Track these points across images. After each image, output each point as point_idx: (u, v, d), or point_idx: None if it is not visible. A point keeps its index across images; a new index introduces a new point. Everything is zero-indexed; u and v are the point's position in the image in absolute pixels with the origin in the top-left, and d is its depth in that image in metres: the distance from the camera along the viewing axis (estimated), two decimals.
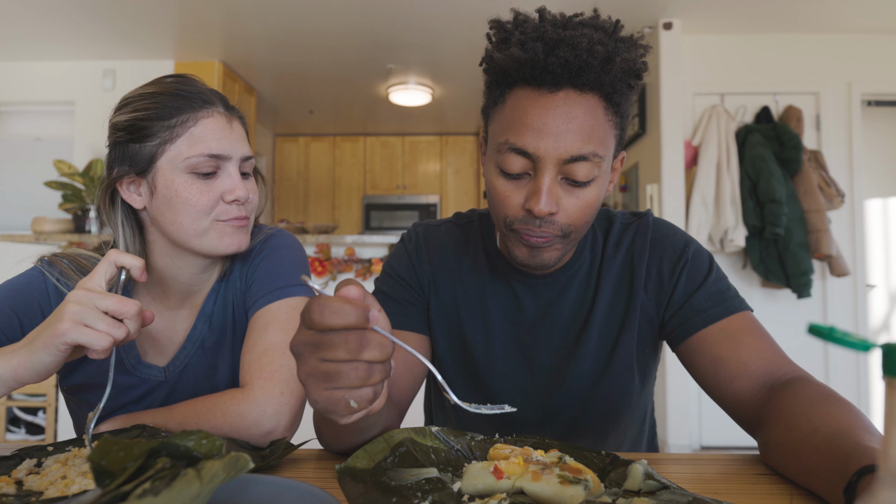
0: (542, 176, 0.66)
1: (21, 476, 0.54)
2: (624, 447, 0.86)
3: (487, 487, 0.49)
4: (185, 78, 0.79)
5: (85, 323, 0.59)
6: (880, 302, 3.62)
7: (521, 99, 0.67)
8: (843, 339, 0.27)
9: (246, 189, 0.78)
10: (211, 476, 0.34)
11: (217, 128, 0.76)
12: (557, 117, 0.64)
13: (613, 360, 0.80)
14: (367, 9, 3.26)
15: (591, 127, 0.65)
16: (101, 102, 4.01)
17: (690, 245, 0.81)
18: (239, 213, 0.78)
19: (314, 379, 0.43)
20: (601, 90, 0.65)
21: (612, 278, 0.81)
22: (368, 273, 2.76)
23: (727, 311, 0.74)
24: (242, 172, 0.80)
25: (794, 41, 3.42)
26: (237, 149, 0.78)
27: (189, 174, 0.74)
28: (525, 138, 0.65)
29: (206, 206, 0.75)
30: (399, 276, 0.85)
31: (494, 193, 0.71)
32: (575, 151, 0.65)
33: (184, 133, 0.74)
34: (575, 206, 0.68)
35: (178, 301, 0.84)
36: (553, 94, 0.65)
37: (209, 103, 0.77)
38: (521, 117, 0.66)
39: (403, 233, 0.91)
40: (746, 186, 3.12)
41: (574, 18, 0.67)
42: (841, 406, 0.58)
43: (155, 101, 0.75)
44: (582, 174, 0.66)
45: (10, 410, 3.07)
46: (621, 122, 0.70)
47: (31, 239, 2.85)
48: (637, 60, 0.67)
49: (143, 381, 0.81)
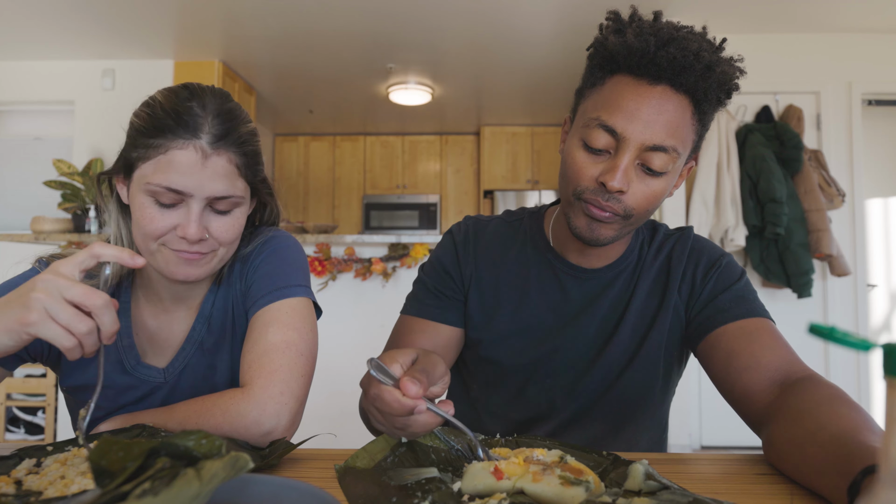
0: (623, 155, 0.72)
1: (20, 476, 0.54)
2: (637, 448, 0.88)
3: (488, 488, 0.49)
4: (195, 97, 0.74)
5: (51, 314, 0.56)
6: (881, 302, 3.62)
7: (621, 84, 0.73)
8: (844, 338, 0.27)
9: (201, 229, 0.73)
10: (211, 476, 0.33)
11: (186, 163, 0.70)
12: (651, 107, 0.70)
13: (640, 354, 0.84)
14: (367, 9, 3.26)
15: (677, 124, 0.71)
16: (101, 102, 4.01)
17: (725, 256, 0.87)
18: (187, 248, 0.74)
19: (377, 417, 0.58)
20: (694, 95, 0.71)
21: (650, 278, 0.86)
22: (368, 273, 2.76)
23: (748, 314, 0.78)
24: (218, 210, 0.75)
25: (795, 41, 3.42)
26: (204, 187, 0.72)
27: (148, 197, 0.72)
28: (616, 118, 0.71)
29: (153, 233, 0.72)
30: (442, 267, 0.91)
31: (572, 163, 0.76)
32: (658, 141, 0.71)
33: (154, 157, 0.71)
34: (642, 192, 0.74)
35: (173, 302, 0.84)
36: (651, 87, 0.71)
37: (192, 133, 0.71)
38: (616, 99, 0.72)
39: (453, 224, 0.96)
40: (747, 186, 3.12)
41: (685, 27, 0.73)
42: (849, 407, 0.59)
43: (150, 113, 0.73)
44: (658, 164, 0.72)
45: (10, 410, 3.07)
46: (701, 131, 0.76)
47: (31, 238, 2.84)
48: (734, 77, 0.72)
49: (143, 382, 0.81)
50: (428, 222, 5.91)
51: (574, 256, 0.87)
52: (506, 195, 5.56)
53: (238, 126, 0.76)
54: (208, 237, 0.74)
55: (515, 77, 4.37)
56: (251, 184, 0.79)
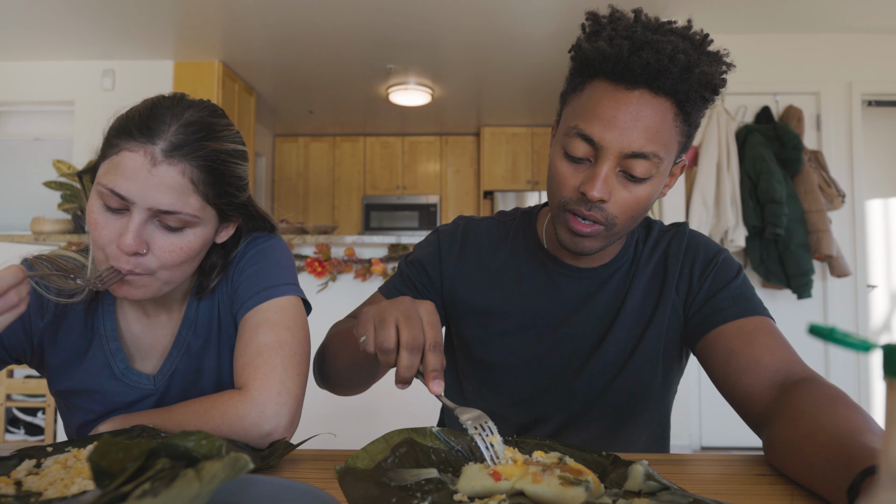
0: (602, 164, 0.70)
1: (20, 477, 0.54)
2: (637, 447, 0.87)
3: (486, 489, 0.49)
4: (177, 105, 0.71)
5: None
6: (881, 302, 3.62)
7: (599, 90, 0.71)
8: (844, 339, 0.27)
9: (138, 241, 0.67)
10: (210, 476, 0.33)
11: (132, 167, 0.66)
12: (628, 113, 0.69)
13: (637, 352, 0.83)
14: (367, 9, 3.26)
15: (657, 129, 0.69)
16: (101, 102, 4.01)
17: (722, 253, 0.86)
18: (124, 264, 0.68)
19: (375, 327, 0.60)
20: (675, 96, 0.69)
21: (646, 276, 0.86)
22: (368, 273, 2.76)
23: (746, 312, 0.77)
24: (167, 226, 0.69)
25: (795, 41, 3.42)
26: (147, 196, 0.66)
27: (97, 200, 0.69)
28: (593, 126, 0.70)
29: (99, 241, 0.69)
30: (422, 265, 0.91)
31: (555, 173, 0.76)
32: (637, 148, 0.69)
33: (108, 157, 0.68)
34: (625, 200, 0.73)
35: (154, 307, 0.83)
36: (629, 92, 0.69)
37: (147, 138, 0.67)
38: (594, 107, 0.71)
39: (443, 224, 0.96)
40: (747, 186, 3.12)
41: (666, 25, 0.71)
42: (850, 408, 0.58)
43: (124, 115, 0.71)
44: (639, 171, 0.70)
45: (10, 411, 3.07)
46: (688, 131, 0.74)
47: (31, 239, 2.84)
48: (716, 75, 0.70)
49: (133, 388, 0.81)
50: (428, 223, 5.91)
51: (567, 257, 0.86)
52: (506, 196, 5.56)
53: (207, 140, 0.70)
54: (146, 253, 0.69)
55: (515, 77, 4.37)
56: (215, 206, 0.73)
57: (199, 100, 0.74)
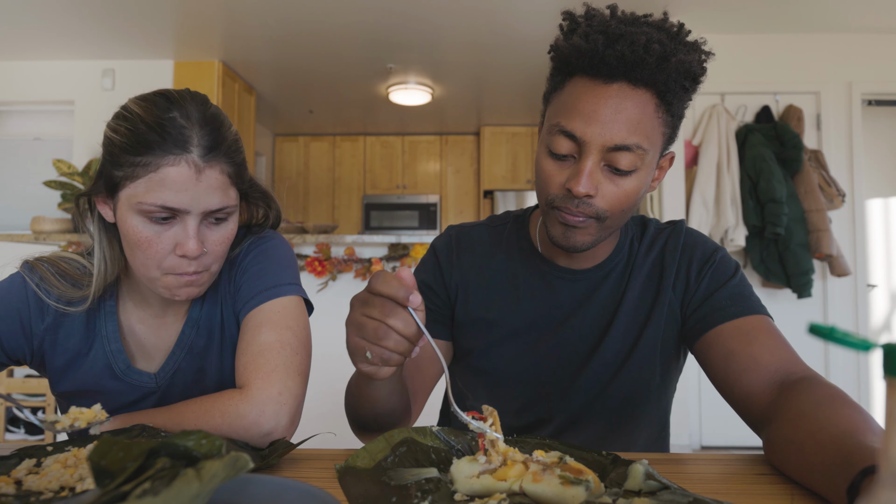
0: (586, 159, 0.71)
1: (20, 476, 0.54)
2: (637, 446, 0.87)
3: (485, 488, 0.49)
4: (174, 105, 0.71)
5: None
6: (881, 302, 3.62)
7: (578, 87, 0.71)
8: (844, 339, 0.27)
9: (199, 244, 0.71)
10: (211, 476, 0.33)
11: (180, 180, 0.68)
12: (608, 107, 0.69)
13: (635, 352, 0.83)
14: (367, 9, 3.26)
15: (638, 120, 0.69)
16: (101, 102, 4.01)
17: (720, 251, 0.85)
18: (188, 268, 0.72)
19: (352, 326, 0.57)
20: (655, 87, 0.69)
21: (642, 275, 0.85)
22: (368, 273, 2.76)
23: (744, 312, 0.76)
24: (213, 221, 0.74)
25: (795, 41, 3.42)
26: (200, 202, 0.70)
27: (141, 217, 0.70)
28: (574, 122, 0.70)
29: (155, 256, 0.71)
30: (426, 285, 0.89)
31: (541, 171, 0.76)
32: (619, 140, 0.69)
33: (144, 175, 0.68)
34: (613, 193, 0.72)
35: (161, 308, 0.83)
36: (607, 86, 0.69)
37: (182, 148, 0.68)
38: (574, 103, 0.71)
39: (436, 238, 0.95)
40: (747, 186, 3.12)
41: (642, 18, 0.71)
42: (850, 407, 0.58)
43: (130, 128, 0.69)
44: (624, 163, 0.70)
45: (10, 410, 3.07)
46: (672, 122, 0.74)
47: (31, 239, 2.84)
48: (694, 63, 0.70)
49: (134, 387, 0.81)
50: (428, 222, 5.90)
51: (561, 258, 0.86)
52: (506, 195, 5.56)
53: (225, 133, 0.73)
54: (206, 251, 0.73)
55: (515, 77, 4.37)
56: (241, 190, 0.78)
57: (185, 91, 0.74)
